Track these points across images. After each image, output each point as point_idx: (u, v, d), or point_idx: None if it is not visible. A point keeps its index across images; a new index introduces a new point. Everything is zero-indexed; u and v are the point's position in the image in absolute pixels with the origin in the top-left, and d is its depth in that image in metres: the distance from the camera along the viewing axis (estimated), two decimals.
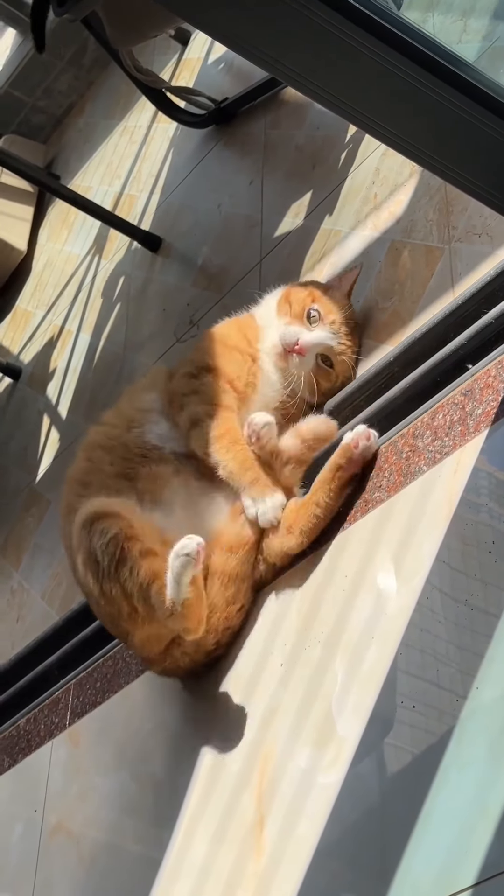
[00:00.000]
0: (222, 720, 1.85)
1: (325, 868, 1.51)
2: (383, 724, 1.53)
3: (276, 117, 2.93)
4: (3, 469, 3.68)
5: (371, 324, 2.15)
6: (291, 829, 1.59)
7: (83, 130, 4.44)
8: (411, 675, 1.53)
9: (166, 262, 3.17)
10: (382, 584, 1.66)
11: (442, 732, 1.43)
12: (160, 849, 1.83)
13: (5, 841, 2.34)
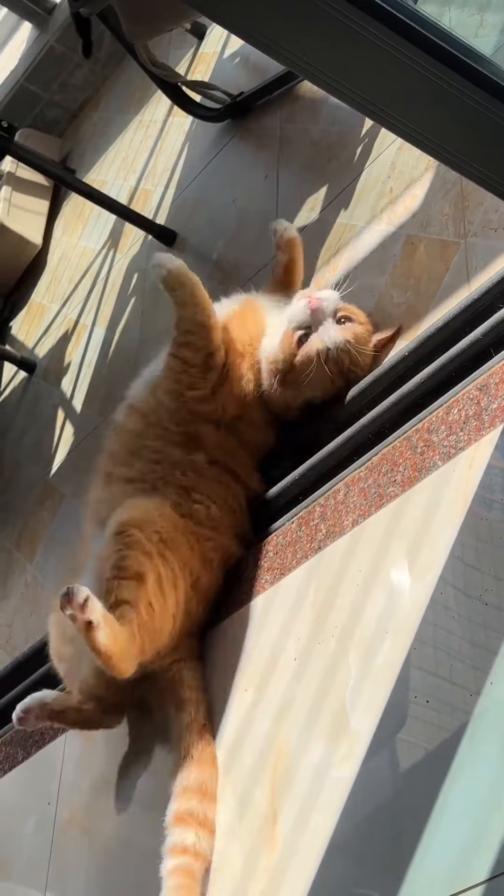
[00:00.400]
0: (236, 714, 1.86)
1: (338, 862, 1.51)
2: (397, 718, 1.53)
3: (292, 111, 2.92)
4: (18, 463, 3.69)
5: (386, 319, 2.15)
6: (305, 823, 1.59)
7: (98, 125, 4.44)
8: (425, 671, 1.53)
9: (181, 256, 3.15)
10: (396, 580, 1.66)
11: (455, 728, 1.43)
12: None
13: (19, 833, 2.35)
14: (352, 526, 1.81)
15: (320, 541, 1.87)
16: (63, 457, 3.35)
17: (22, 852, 2.32)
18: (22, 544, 3.34)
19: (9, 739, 2.55)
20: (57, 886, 2.15)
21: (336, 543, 1.83)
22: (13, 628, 3.11)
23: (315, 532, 1.89)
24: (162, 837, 1.79)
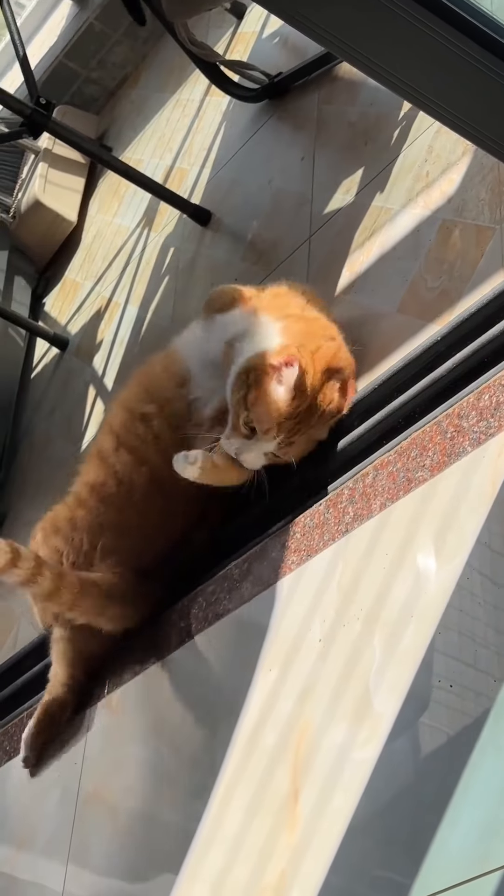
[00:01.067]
0: (259, 694, 1.87)
1: (359, 843, 1.52)
2: (420, 702, 1.54)
3: (330, 93, 2.92)
4: (48, 438, 3.71)
5: (418, 303, 2.14)
6: (326, 804, 1.60)
7: (136, 103, 4.44)
8: (449, 656, 1.53)
9: (216, 236, 3.17)
10: (423, 564, 1.66)
11: (478, 713, 1.43)
12: (195, 818, 1.85)
13: (42, 806, 2.37)
14: (380, 509, 1.82)
15: (348, 523, 1.87)
16: (93, 434, 3.37)
17: (45, 824, 2.34)
18: None
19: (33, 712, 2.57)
20: (79, 859, 2.17)
21: (363, 526, 1.83)
22: None
23: (342, 515, 1.90)
24: (184, 812, 1.80)
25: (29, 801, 2.45)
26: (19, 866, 2.38)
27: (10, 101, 3.03)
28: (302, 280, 2.57)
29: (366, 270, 2.36)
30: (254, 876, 1.68)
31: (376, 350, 2.19)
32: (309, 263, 2.59)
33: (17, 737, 2.60)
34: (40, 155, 4.44)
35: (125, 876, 2.02)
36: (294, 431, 1.92)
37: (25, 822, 2.43)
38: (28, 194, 4.37)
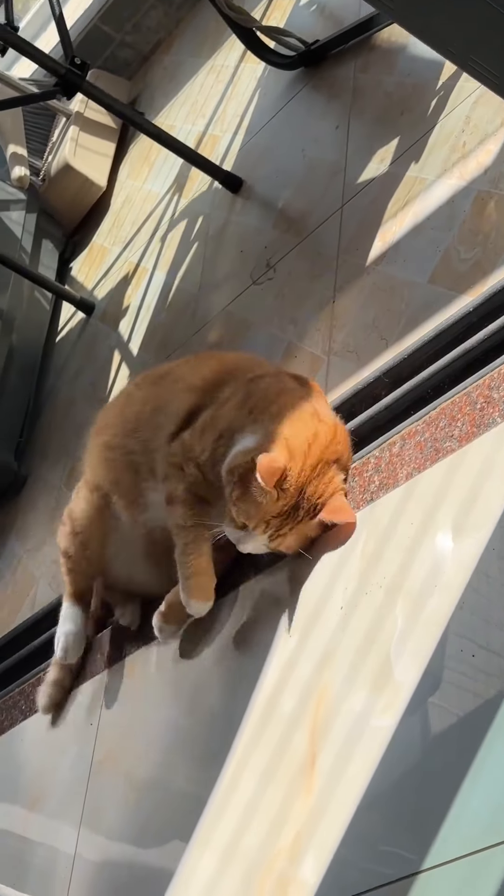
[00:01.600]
0: (279, 659, 1.87)
1: (375, 809, 1.52)
2: (442, 671, 1.53)
3: (367, 62, 2.89)
4: (71, 402, 3.71)
5: (450, 274, 2.13)
6: (343, 770, 1.60)
7: (169, 68, 4.42)
8: (474, 625, 1.52)
9: (246, 203, 3.16)
10: (448, 534, 1.65)
11: (502, 685, 1.43)
12: (209, 782, 1.86)
13: (56, 768, 2.38)
14: (406, 479, 1.81)
15: (373, 492, 1.86)
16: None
17: (59, 785, 2.35)
18: (71, 483, 3.36)
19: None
20: (91, 822, 2.18)
21: (389, 495, 1.82)
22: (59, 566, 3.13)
23: (368, 483, 1.89)
24: (199, 774, 1.81)
25: (44, 760, 2.47)
26: (32, 827, 2.39)
27: (44, 60, 3.02)
28: (334, 250, 2.57)
29: (398, 241, 2.34)
30: (268, 839, 1.68)
31: (407, 320, 2.18)
32: (340, 233, 2.57)
33: (32, 696, 2.61)
34: (72, 118, 4.42)
35: (137, 841, 2.03)
36: (282, 527, 1.85)
37: (39, 781, 2.44)
38: (58, 157, 4.36)
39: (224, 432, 1.94)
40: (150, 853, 1.98)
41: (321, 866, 1.56)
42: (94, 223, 4.38)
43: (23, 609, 3.19)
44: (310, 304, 2.55)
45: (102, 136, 4.44)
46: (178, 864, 1.87)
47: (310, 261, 2.65)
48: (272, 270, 2.81)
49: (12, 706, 2.68)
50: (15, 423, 3.88)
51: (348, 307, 2.39)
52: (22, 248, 4.21)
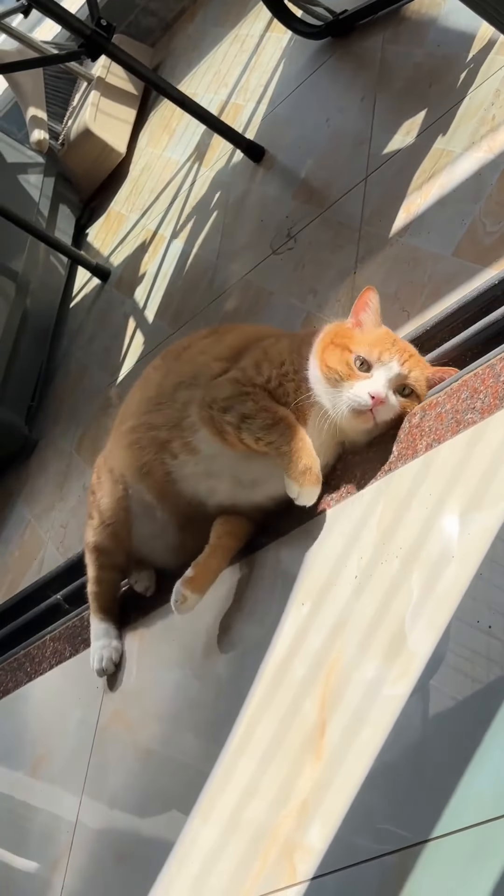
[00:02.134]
0: (291, 626, 1.86)
1: (386, 777, 1.51)
2: (457, 642, 1.52)
3: (396, 33, 2.86)
4: (84, 367, 3.69)
5: (475, 247, 2.11)
6: (353, 737, 1.59)
7: (193, 37, 4.39)
8: (490, 597, 1.51)
9: (268, 173, 3.14)
10: (467, 505, 1.64)
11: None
12: (219, 743, 1.85)
13: (62, 726, 2.38)
14: (425, 450, 1.79)
15: (391, 462, 1.85)
16: (131, 366, 3.35)
17: (61, 751, 2.35)
18: (83, 448, 3.36)
19: (58, 636, 2.58)
20: (93, 789, 2.17)
21: (408, 466, 1.81)
22: (68, 529, 3.13)
23: (387, 453, 1.87)
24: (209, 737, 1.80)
25: (48, 724, 2.46)
26: (34, 792, 2.39)
27: (70, 20, 2.98)
28: (356, 221, 2.55)
29: (423, 213, 2.32)
30: (274, 806, 1.67)
31: (429, 293, 2.16)
32: (364, 204, 2.55)
33: (38, 658, 2.61)
34: (93, 83, 4.40)
35: (141, 808, 2.03)
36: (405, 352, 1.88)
37: (43, 745, 2.44)
38: (78, 122, 4.34)
39: (290, 352, 1.99)
40: (153, 820, 1.98)
41: (328, 833, 1.56)
42: (112, 189, 4.36)
43: (30, 572, 3.19)
44: (330, 275, 2.53)
45: (123, 102, 4.41)
46: (180, 832, 1.86)
47: (332, 231, 2.63)
48: (293, 240, 2.79)
49: (17, 668, 2.68)
50: (27, 387, 3.87)
51: (370, 278, 2.36)
52: (39, 212, 4.20)
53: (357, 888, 1.46)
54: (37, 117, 4.32)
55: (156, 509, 2.17)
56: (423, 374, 1.89)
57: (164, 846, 1.88)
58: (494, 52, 2.38)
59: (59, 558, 3.04)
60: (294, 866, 1.58)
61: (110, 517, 2.27)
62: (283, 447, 1.91)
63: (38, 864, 2.24)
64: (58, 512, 3.27)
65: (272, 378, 1.98)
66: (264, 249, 2.89)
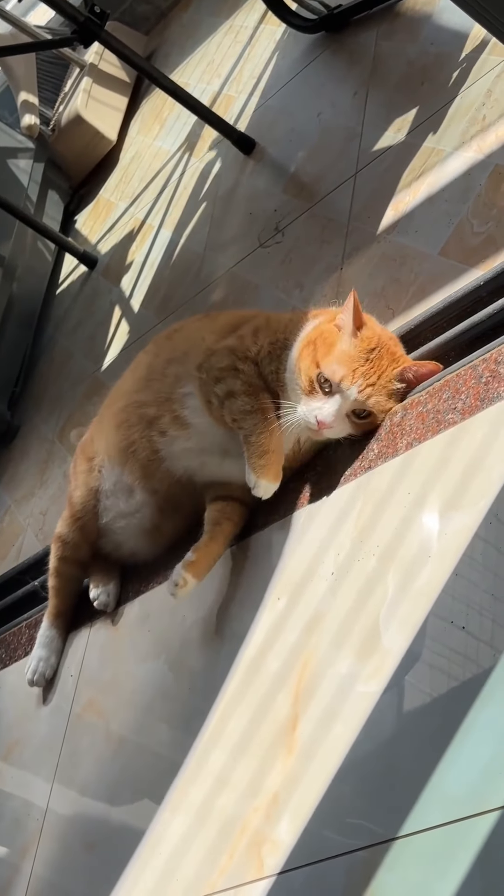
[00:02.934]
0: (266, 621, 1.86)
1: (355, 773, 1.52)
2: (431, 641, 1.53)
3: (390, 29, 2.86)
4: (69, 354, 3.69)
5: (462, 247, 2.11)
6: (325, 732, 1.59)
7: (187, 26, 4.37)
8: (465, 597, 1.52)
9: (258, 165, 3.13)
10: (445, 504, 1.64)
11: (490, 655, 1.42)
12: (192, 735, 1.85)
13: (33, 718, 2.38)
14: (406, 448, 1.80)
15: (371, 460, 1.85)
16: (116, 354, 3.35)
17: (34, 738, 2.35)
18: (64, 436, 3.35)
19: (34, 622, 2.58)
20: (64, 776, 2.18)
21: (388, 464, 1.81)
22: (47, 517, 3.13)
23: (367, 451, 1.88)
24: (181, 729, 1.80)
25: (21, 710, 2.46)
26: (4, 777, 2.39)
27: (63, 6, 2.97)
28: (344, 216, 2.55)
29: (411, 211, 2.32)
30: (245, 798, 1.68)
31: (415, 291, 2.17)
32: (353, 199, 2.55)
33: (13, 645, 2.61)
34: (85, 69, 4.38)
35: (111, 797, 2.03)
36: (370, 374, 1.86)
37: (16, 731, 2.44)
38: (70, 108, 4.32)
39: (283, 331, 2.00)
40: (123, 809, 1.98)
41: (297, 828, 1.56)
42: (101, 177, 4.35)
43: (8, 558, 3.18)
44: (317, 270, 2.53)
45: (115, 90, 4.40)
46: (150, 821, 1.87)
47: (319, 226, 2.63)
48: (280, 234, 2.78)
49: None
50: (10, 372, 3.86)
51: (356, 274, 2.37)
52: (27, 197, 4.18)
53: (324, 884, 1.47)
54: (28, 102, 4.31)
55: (135, 491, 2.17)
56: (384, 399, 1.88)
57: (133, 835, 1.88)
58: (487, 52, 2.38)
59: (37, 545, 3.04)
60: (262, 860, 1.58)
61: (80, 511, 2.28)
62: (252, 437, 1.92)
63: (7, 850, 2.24)
64: (38, 499, 3.27)
65: (264, 347, 1.99)
66: (252, 242, 2.89)
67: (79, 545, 2.32)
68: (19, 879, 2.11)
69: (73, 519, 2.30)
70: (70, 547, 2.34)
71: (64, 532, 2.33)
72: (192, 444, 2.07)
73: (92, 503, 2.27)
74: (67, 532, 2.32)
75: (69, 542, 2.33)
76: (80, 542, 2.32)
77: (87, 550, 2.33)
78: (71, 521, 2.31)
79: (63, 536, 2.34)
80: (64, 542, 2.34)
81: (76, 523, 2.30)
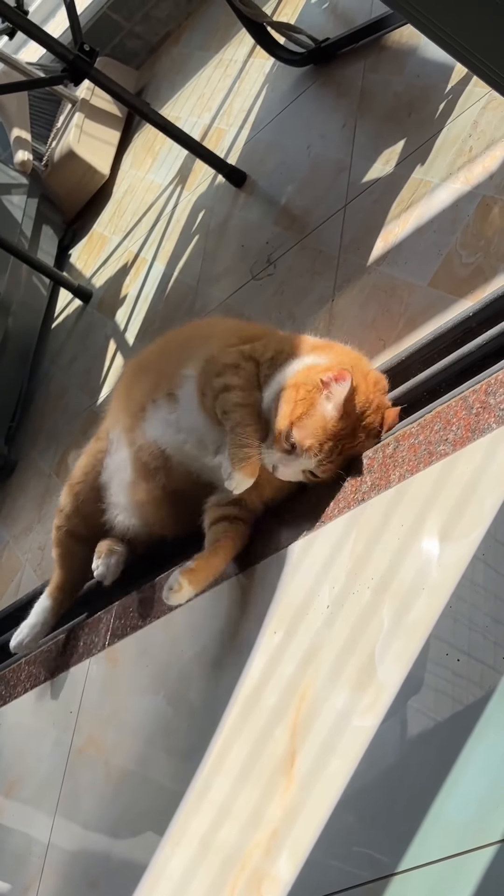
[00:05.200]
0: (262, 655, 1.86)
1: (353, 809, 1.52)
2: (426, 673, 1.53)
3: (377, 62, 2.89)
4: (65, 388, 3.70)
5: (451, 278, 2.13)
6: (322, 768, 1.60)
7: (177, 60, 4.41)
8: (459, 628, 1.52)
9: (249, 198, 3.15)
10: (437, 538, 1.65)
11: (487, 687, 1.43)
12: (188, 773, 1.85)
13: (36, 751, 2.38)
14: (398, 480, 1.81)
15: (364, 492, 1.86)
16: (111, 387, 3.36)
17: (36, 772, 2.35)
18: (62, 470, 3.36)
19: (33, 659, 2.58)
20: (67, 811, 2.18)
21: (381, 496, 1.82)
22: (45, 551, 3.13)
23: (360, 483, 1.89)
24: (180, 765, 1.80)
25: (22, 746, 2.46)
26: (6, 813, 2.38)
27: (53, 45, 3.00)
28: (335, 248, 2.56)
29: (400, 242, 2.34)
30: (244, 835, 1.68)
31: (405, 322, 2.18)
32: (343, 231, 2.57)
33: (12, 682, 2.61)
34: (77, 105, 4.41)
35: (112, 831, 2.03)
36: (334, 452, 1.88)
37: (17, 767, 2.44)
38: (62, 144, 4.35)
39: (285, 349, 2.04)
40: (125, 844, 1.98)
41: (296, 864, 1.56)
42: (95, 211, 4.37)
43: (6, 594, 3.19)
44: (309, 301, 2.55)
45: (107, 125, 4.43)
46: (151, 857, 1.87)
47: (311, 258, 2.65)
48: (272, 266, 2.80)
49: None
50: (7, 407, 3.88)
51: (347, 306, 2.38)
52: (22, 233, 4.21)
53: None
54: (21, 138, 4.34)
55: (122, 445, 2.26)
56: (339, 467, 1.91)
57: (135, 871, 1.88)
58: (472, 84, 2.40)
59: (36, 580, 3.04)
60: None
61: (79, 477, 2.39)
62: (238, 428, 1.94)
63: (10, 885, 2.23)
64: (35, 534, 3.27)
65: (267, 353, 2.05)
66: (244, 274, 2.91)
67: (72, 514, 2.41)
68: None
69: (70, 486, 2.41)
70: (64, 516, 2.43)
71: (62, 502, 2.44)
72: (173, 418, 2.12)
73: (91, 470, 2.36)
74: (64, 501, 2.43)
75: (63, 511, 2.43)
76: (73, 509, 2.40)
77: (80, 520, 2.40)
78: (67, 490, 2.42)
79: (61, 506, 2.44)
80: (59, 511, 2.45)
81: (73, 489, 2.40)
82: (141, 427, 2.18)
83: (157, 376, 2.19)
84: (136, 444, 2.19)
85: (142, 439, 2.17)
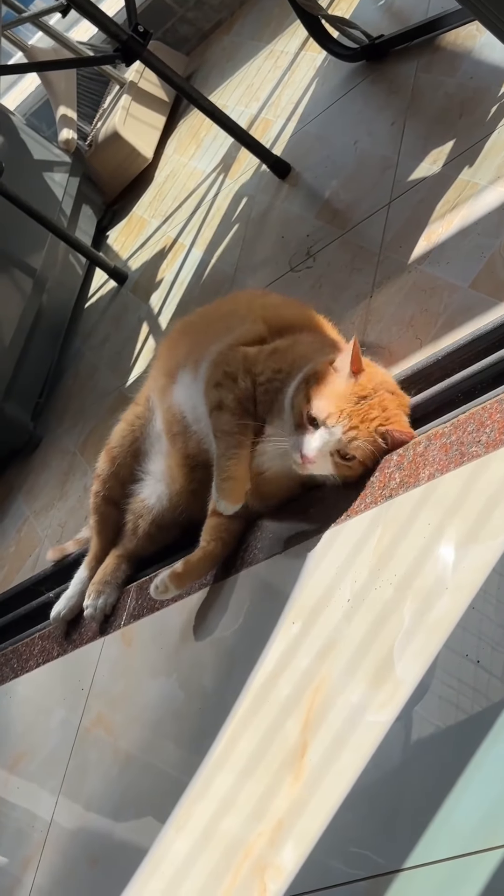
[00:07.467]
0: (279, 645, 1.86)
1: (361, 803, 1.51)
2: (445, 673, 1.52)
3: (430, 61, 2.87)
4: (95, 369, 3.70)
5: (493, 281, 2.12)
6: (333, 761, 1.59)
7: (228, 48, 4.40)
8: (481, 630, 1.52)
9: (293, 190, 3.15)
10: (464, 537, 1.64)
11: (502, 689, 1.42)
12: (200, 755, 1.85)
13: (44, 727, 2.38)
14: (427, 479, 1.80)
15: (393, 489, 1.85)
16: (141, 370, 3.36)
17: (42, 749, 2.35)
18: (87, 449, 3.36)
19: (47, 634, 2.58)
20: (70, 790, 2.17)
21: (409, 494, 1.81)
22: (66, 528, 3.14)
23: (388, 479, 1.88)
24: (189, 748, 1.80)
25: (30, 721, 2.46)
26: (11, 788, 2.39)
27: (108, 24, 3.00)
28: (376, 245, 2.55)
29: (443, 242, 2.33)
30: (249, 822, 1.67)
31: (444, 322, 2.17)
32: (385, 228, 2.56)
33: (25, 656, 2.61)
34: (125, 87, 4.41)
35: (116, 813, 2.02)
36: (355, 417, 1.88)
37: (24, 741, 2.44)
38: (108, 125, 4.35)
39: (289, 366, 2.03)
40: (128, 825, 1.98)
41: (301, 854, 1.56)
42: (135, 194, 4.38)
43: (24, 569, 3.19)
44: (346, 297, 2.54)
45: (154, 108, 4.43)
46: (154, 839, 1.86)
47: (351, 253, 2.64)
48: (312, 259, 2.80)
49: (4, 664, 2.68)
50: (36, 383, 3.88)
51: (386, 303, 2.37)
52: (61, 211, 4.21)
53: None
54: (67, 116, 4.34)
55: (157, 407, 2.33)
56: (368, 443, 1.89)
57: (137, 852, 1.87)
58: None
59: None
60: (265, 885, 1.58)
61: (117, 441, 2.44)
62: (222, 460, 2.04)
63: (9, 860, 2.24)
64: (57, 510, 3.27)
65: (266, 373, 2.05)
66: (283, 266, 2.90)
67: (108, 477, 2.44)
68: (20, 891, 2.11)
69: (107, 450, 2.46)
70: (101, 480, 2.46)
71: (99, 467, 2.47)
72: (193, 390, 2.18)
73: (129, 434, 2.41)
74: (102, 465, 2.46)
75: (101, 476, 2.46)
76: (109, 473, 2.44)
77: (117, 482, 2.43)
78: (105, 454, 2.46)
79: (98, 471, 2.48)
80: (97, 477, 2.48)
81: (110, 453, 2.44)
82: (171, 389, 2.24)
83: (193, 343, 2.24)
84: (166, 405, 2.26)
85: (170, 401, 2.24)
